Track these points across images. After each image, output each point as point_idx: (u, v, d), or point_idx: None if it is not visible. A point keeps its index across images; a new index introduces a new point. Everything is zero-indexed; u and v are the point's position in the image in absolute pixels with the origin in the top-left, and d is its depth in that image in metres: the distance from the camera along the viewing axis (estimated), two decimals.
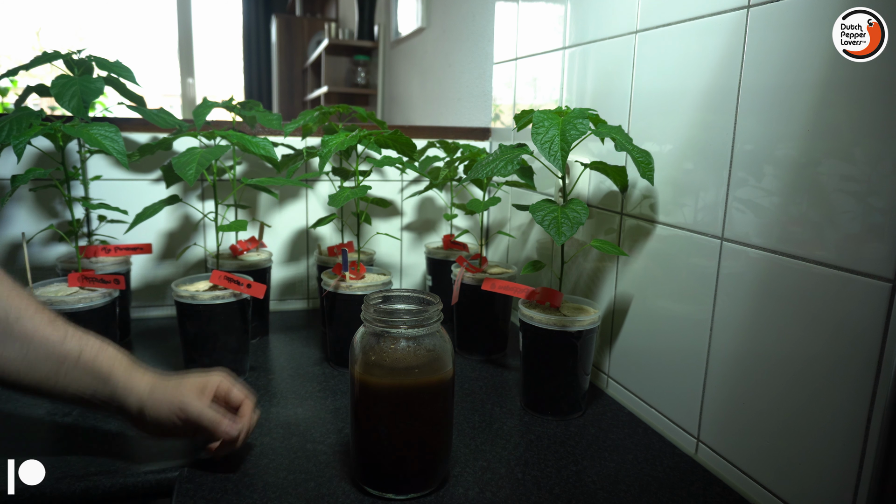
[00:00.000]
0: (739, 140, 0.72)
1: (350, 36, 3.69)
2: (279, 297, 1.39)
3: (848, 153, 0.60)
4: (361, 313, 0.69)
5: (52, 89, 0.91)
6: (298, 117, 1.15)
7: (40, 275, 1.13)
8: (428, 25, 2.15)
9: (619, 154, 0.94)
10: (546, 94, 1.17)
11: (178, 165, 0.91)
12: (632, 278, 0.93)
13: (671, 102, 0.83)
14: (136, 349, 1.13)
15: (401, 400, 0.68)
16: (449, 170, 1.19)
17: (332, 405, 0.92)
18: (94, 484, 0.71)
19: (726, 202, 0.74)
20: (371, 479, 0.70)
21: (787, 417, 0.67)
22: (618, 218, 0.97)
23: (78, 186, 1.18)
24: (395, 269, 1.45)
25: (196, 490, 0.69)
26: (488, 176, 0.88)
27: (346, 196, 0.95)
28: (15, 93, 3.51)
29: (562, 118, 0.79)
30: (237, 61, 5.19)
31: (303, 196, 1.36)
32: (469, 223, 1.47)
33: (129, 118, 1.22)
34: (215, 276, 0.97)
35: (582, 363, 0.88)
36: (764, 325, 0.69)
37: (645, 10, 0.88)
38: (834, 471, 0.62)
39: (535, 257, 1.23)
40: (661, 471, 0.77)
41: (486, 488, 0.71)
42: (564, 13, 1.09)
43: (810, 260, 0.64)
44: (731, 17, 0.72)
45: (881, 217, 0.57)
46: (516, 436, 0.84)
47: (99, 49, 1.05)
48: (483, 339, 1.13)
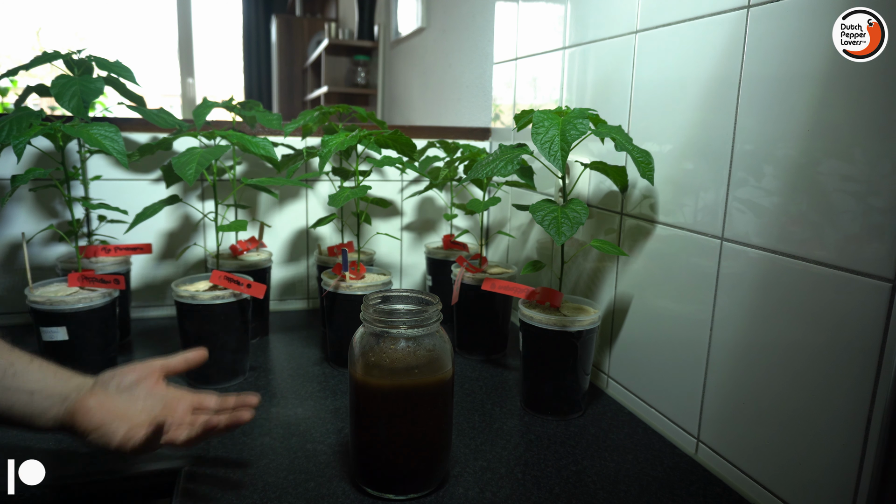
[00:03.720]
0: (739, 140, 0.72)
1: (350, 36, 3.69)
2: (279, 297, 1.39)
3: (848, 153, 0.60)
4: (361, 313, 0.69)
5: (52, 89, 0.91)
6: (298, 117, 1.15)
7: (40, 275, 1.13)
8: (428, 25, 2.15)
9: (619, 154, 0.94)
10: (546, 94, 1.17)
11: (178, 165, 0.91)
12: (632, 278, 0.93)
13: (671, 102, 0.83)
14: (136, 349, 1.13)
15: (400, 400, 0.68)
16: (449, 170, 1.19)
17: (332, 405, 0.92)
18: (94, 484, 0.71)
19: (726, 202, 0.74)
20: (371, 479, 0.70)
21: (788, 418, 0.67)
22: (618, 218, 0.97)
23: (78, 186, 1.18)
24: (395, 269, 1.45)
25: (196, 490, 0.69)
26: (488, 176, 0.88)
27: (346, 196, 0.95)
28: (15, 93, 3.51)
29: (562, 118, 0.79)
30: (237, 61, 5.19)
31: (303, 196, 1.36)
32: (469, 223, 1.47)
33: (129, 118, 1.22)
34: (215, 276, 0.97)
35: (582, 363, 0.88)
36: (764, 325, 0.69)
37: (645, 11, 0.88)
38: (834, 471, 0.62)
39: (535, 257, 1.23)
40: (661, 471, 0.77)
41: (486, 488, 0.71)
42: (564, 13, 1.09)
43: (810, 260, 0.64)
44: (731, 17, 0.72)
45: (881, 217, 0.56)
46: (516, 436, 0.84)
47: (99, 49, 1.05)
48: (483, 339, 1.13)
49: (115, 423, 0.63)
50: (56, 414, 0.64)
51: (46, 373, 0.66)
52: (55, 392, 0.65)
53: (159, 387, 0.70)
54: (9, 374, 0.64)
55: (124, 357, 1.08)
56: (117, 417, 0.63)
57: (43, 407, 0.64)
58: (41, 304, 0.92)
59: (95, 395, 0.65)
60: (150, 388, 0.69)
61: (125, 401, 0.67)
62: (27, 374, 0.65)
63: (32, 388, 0.64)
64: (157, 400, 0.69)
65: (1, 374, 0.63)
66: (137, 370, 0.69)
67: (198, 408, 0.70)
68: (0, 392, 0.63)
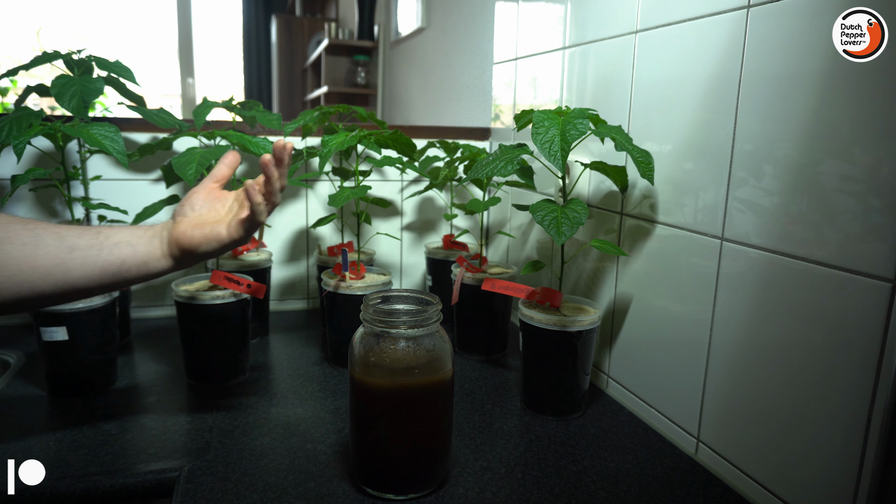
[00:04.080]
0: (739, 140, 0.72)
1: (350, 36, 3.69)
2: (279, 297, 1.39)
3: (848, 153, 0.60)
4: (361, 313, 0.69)
5: (52, 89, 0.91)
6: (298, 117, 1.15)
7: None
8: (428, 25, 2.15)
9: (619, 154, 0.94)
10: (546, 94, 1.17)
11: (178, 165, 0.91)
12: (632, 278, 0.93)
13: (671, 102, 0.83)
14: (136, 349, 1.13)
15: (400, 400, 0.68)
16: (449, 170, 1.19)
17: (332, 405, 0.92)
18: (94, 484, 0.71)
19: (726, 202, 0.74)
20: (371, 480, 0.70)
21: (788, 417, 0.67)
22: (618, 218, 0.97)
23: (78, 186, 1.18)
24: (395, 269, 1.45)
25: (196, 490, 0.69)
26: (488, 176, 0.88)
27: (346, 196, 0.95)
28: (15, 93, 3.51)
29: (562, 118, 0.79)
30: (237, 61, 5.20)
31: (303, 196, 1.36)
32: (469, 223, 1.47)
33: (129, 118, 1.22)
34: (215, 276, 0.97)
35: (582, 363, 0.88)
36: (764, 325, 0.69)
37: (645, 11, 0.88)
38: (834, 471, 0.62)
39: (535, 257, 1.23)
40: (661, 471, 0.77)
41: (486, 488, 0.71)
42: (564, 13, 1.09)
43: (810, 260, 0.64)
44: (731, 17, 0.72)
45: (881, 217, 0.56)
46: (516, 436, 0.84)
47: (99, 49, 1.05)
48: (483, 339, 1.13)
49: (214, 226, 0.70)
50: (163, 251, 0.69)
51: (129, 229, 0.71)
52: (149, 237, 0.70)
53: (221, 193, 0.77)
54: (103, 237, 0.68)
55: (124, 357, 1.08)
56: (211, 223, 0.71)
57: (148, 251, 0.69)
58: None
59: (182, 221, 0.71)
60: (216, 198, 0.76)
61: (207, 212, 0.73)
62: (117, 234, 0.69)
63: (129, 240, 0.69)
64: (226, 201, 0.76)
65: (97, 239, 0.67)
66: (197, 191, 0.75)
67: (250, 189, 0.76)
68: (108, 253, 0.67)
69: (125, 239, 0.69)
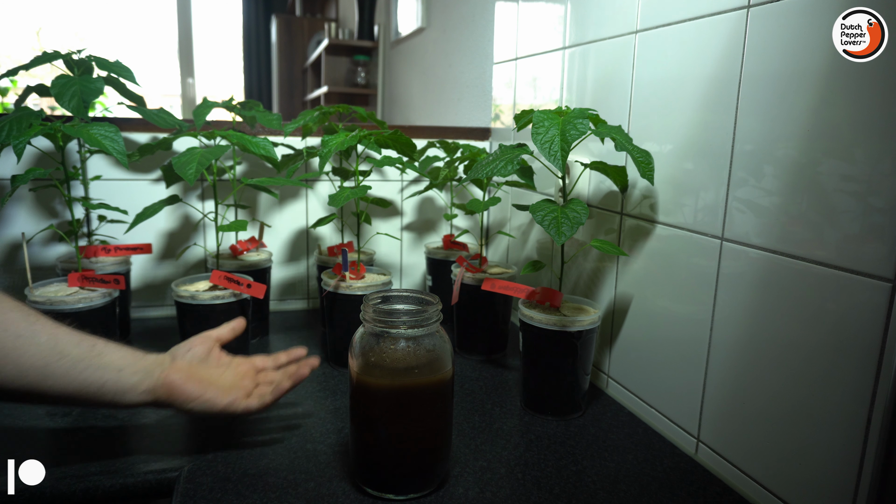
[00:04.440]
0: (739, 140, 0.72)
1: (350, 36, 3.69)
2: (279, 297, 1.39)
3: (848, 153, 0.60)
4: (361, 313, 0.69)
5: (52, 89, 0.91)
6: (298, 117, 1.15)
7: (40, 275, 1.13)
8: (428, 25, 2.15)
9: (619, 154, 0.94)
10: (546, 94, 1.17)
11: (178, 165, 0.91)
12: (632, 278, 0.93)
13: (671, 102, 0.83)
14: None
15: (400, 400, 0.68)
16: (449, 170, 1.19)
17: (332, 405, 0.92)
18: (94, 484, 0.71)
19: (726, 202, 0.74)
20: (370, 480, 0.70)
21: (788, 417, 0.67)
22: (618, 218, 0.97)
23: (78, 186, 1.18)
24: (395, 269, 1.45)
25: (196, 490, 0.69)
26: (488, 176, 0.88)
27: (346, 196, 0.95)
28: (15, 93, 3.51)
29: (562, 118, 0.79)
30: (237, 61, 5.20)
31: (303, 196, 1.36)
32: (469, 223, 1.47)
33: (129, 118, 1.22)
34: (215, 276, 0.97)
35: (582, 363, 0.88)
36: (764, 325, 0.69)
37: (645, 11, 0.88)
38: (834, 471, 0.62)
39: (535, 257, 1.23)
40: (661, 471, 0.77)
41: (486, 488, 0.71)
42: (564, 13, 1.09)
43: (810, 260, 0.64)
44: (731, 17, 0.72)
45: (881, 217, 0.57)
46: (516, 436, 0.84)
47: (99, 49, 1.05)
48: (483, 339, 1.13)
49: (211, 390, 0.70)
50: (147, 387, 0.68)
51: (124, 351, 0.70)
52: (139, 368, 0.69)
53: (222, 354, 0.77)
54: (95, 353, 0.67)
55: None
56: (210, 385, 0.70)
57: (132, 382, 0.68)
58: (41, 304, 0.92)
59: (179, 368, 0.71)
60: (218, 357, 0.76)
61: (208, 369, 0.73)
62: (111, 353, 0.68)
63: (119, 364, 0.68)
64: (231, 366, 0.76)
65: (89, 353, 0.66)
66: (202, 342, 0.75)
67: (259, 370, 0.78)
68: (92, 371, 0.66)
69: (115, 363, 0.67)
